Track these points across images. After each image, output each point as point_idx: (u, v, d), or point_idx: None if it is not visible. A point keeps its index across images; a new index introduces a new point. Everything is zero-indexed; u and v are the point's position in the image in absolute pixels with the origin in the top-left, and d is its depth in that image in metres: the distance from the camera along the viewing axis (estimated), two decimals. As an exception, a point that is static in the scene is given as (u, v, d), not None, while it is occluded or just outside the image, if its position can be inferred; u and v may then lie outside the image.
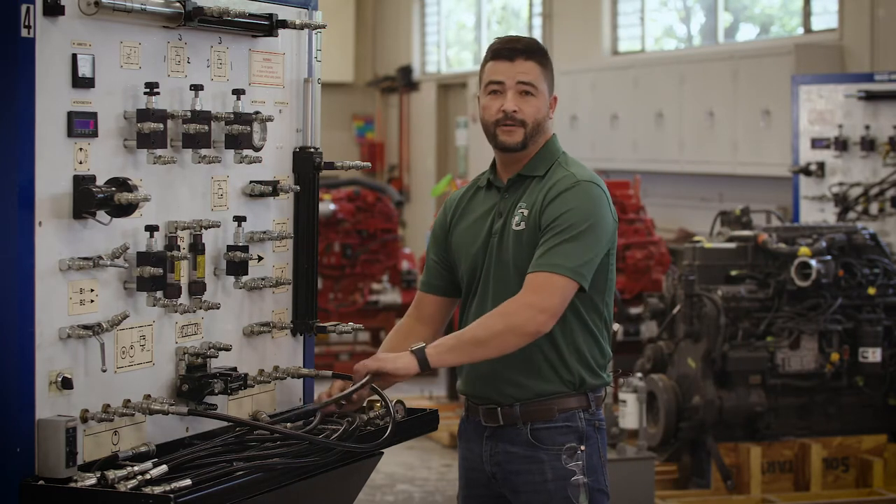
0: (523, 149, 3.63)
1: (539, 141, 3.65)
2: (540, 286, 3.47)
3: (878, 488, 7.01)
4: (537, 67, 3.62)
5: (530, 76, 3.61)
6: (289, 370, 3.59)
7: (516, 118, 3.60)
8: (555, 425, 3.57)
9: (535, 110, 3.61)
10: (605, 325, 3.65)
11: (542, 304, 3.45)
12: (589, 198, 3.56)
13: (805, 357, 7.15)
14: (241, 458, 3.09)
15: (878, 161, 8.95)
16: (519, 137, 3.61)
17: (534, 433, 3.58)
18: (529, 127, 3.61)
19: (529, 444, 3.58)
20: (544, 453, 3.57)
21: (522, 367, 3.57)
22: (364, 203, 11.72)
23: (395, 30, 18.35)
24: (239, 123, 3.35)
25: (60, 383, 2.91)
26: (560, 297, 3.48)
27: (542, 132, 3.65)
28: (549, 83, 3.66)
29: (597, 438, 3.62)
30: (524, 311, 3.45)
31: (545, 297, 3.46)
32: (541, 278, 3.48)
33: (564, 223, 3.51)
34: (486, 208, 3.69)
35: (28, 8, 2.83)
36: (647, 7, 13.39)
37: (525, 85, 3.60)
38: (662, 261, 9.77)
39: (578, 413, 3.59)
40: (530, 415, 3.58)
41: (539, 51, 3.66)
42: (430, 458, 8.43)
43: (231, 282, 3.42)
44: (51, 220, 2.91)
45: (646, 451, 6.25)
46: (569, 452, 3.57)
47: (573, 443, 3.57)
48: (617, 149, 12.56)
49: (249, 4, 3.43)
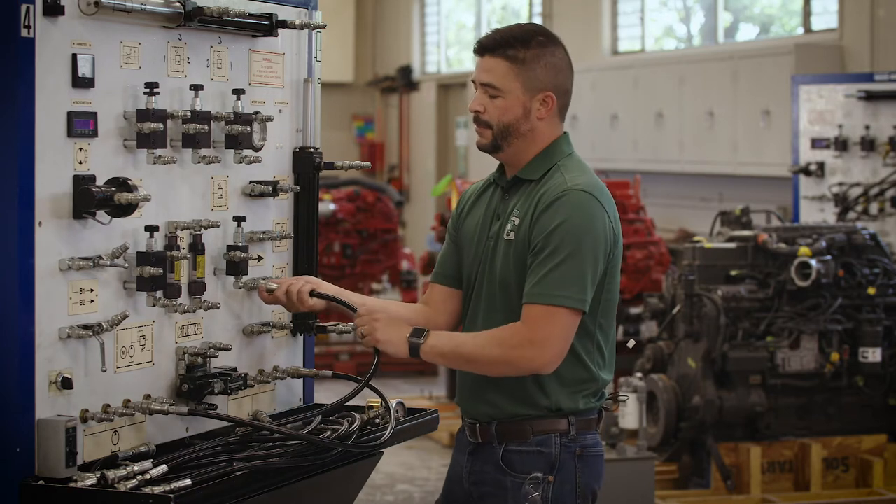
0: (496, 151, 3.40)
1: (521, 145, 3.39)
2: (537, 321, 3.25)
3: (878, 488, 7.01)
4: (504, 64, 3.33)
5: (491, 76, 3.34)
6: (289, 370, 3.59)
7: (481, 119, 3.38)
8: (527, 449, 3.35)
9: (500, 112, 3.35)
10: (597, 349, 3.38)
11: (544, 345, 3.24)
12: (579, 210, 3.29)
13: (805, 357, 7.15)
14: (240, 458, 3.09)
15: (878, 161, 8.96)
16: (487, 139, 3.39)
17: (505, 455, 3.37)
18: (496, 129, 3.37)
19: (499, 467, 3.37)
20: (510, 480, 3.35)
21: (500, 387, 3.37)
22: (364, 203, 11.72)
23: (395, 30, 18.35)
24: (239, 123, 3.35)
25: (60, 383, 2.91)
26: (563, 334, 3.26)
27: (520, 135, 3.38)
28: (526, 81, 3.35)
29: (574, 468, 3.36)
30: (525, 350, 3.25)
31: (547, 338, 3.24)
32: (540, 312, 3.25)
33: (554, 242, 3.27)
34: (490, 207, 3.47)
35: (28, 8, 2.83)
36: (647, 7, 13.39)
37: (487, 87, 3.36)
38: (662, 261, 9.77)
39: (554, 438, 3.35)
40: (505, 435, 3.37)
41: (514, 44, 3.34)
42: (430, 458, 8.43)
43: (231, 282, 3.42)
44: (51, 220, 2.91)
45: (646, 451, 6.25)
46: (533, 482, 3.33)
47: (540, 472, 3.33)
48: (617, 149, 12.56)
49: (249, 4, 3.43)
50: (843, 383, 7.22)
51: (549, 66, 3.40)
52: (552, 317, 3.25)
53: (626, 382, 6.52)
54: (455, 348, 3.34)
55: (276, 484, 3.14)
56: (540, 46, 3.39)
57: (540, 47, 3.39)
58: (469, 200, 3.57)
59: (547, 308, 3.25)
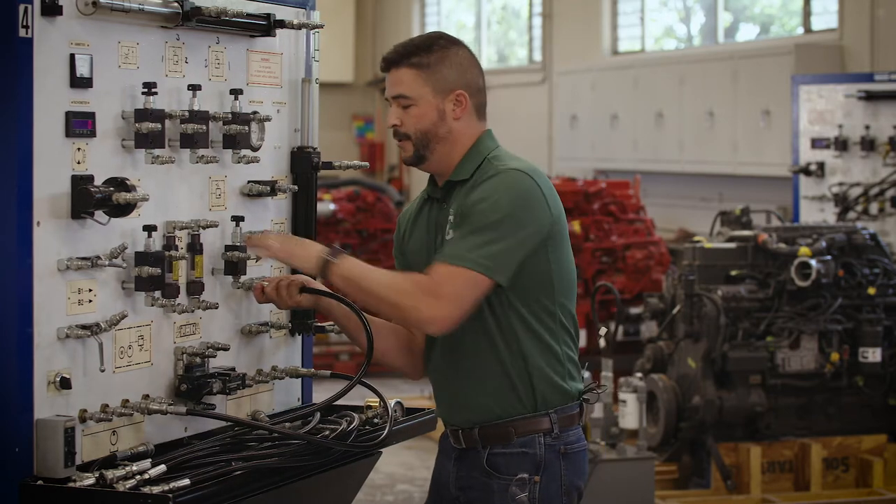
0: (421, 162, 3.40)
1: (449, 148, 3.38)
2: (441, 276, 3.20)
3: (878, 488, 7.01)
4: (410, 72, 3.35)
5: (401, 86, 3.36)
6: (287, 370, 3.59)
7: (399, 133, 3.38)
8: (512, 451, 3.32)
9: (415, 120, 3.36)
10: (563, 329, 3.35)
11: (438, 302, 3.19)
12: (509, 186, 3.26)
13: (805, 357, 7.15)
14: (239, 458, 3.09)
15: (878, 161, 8.96)
16: (409, 151, 3.39)
17: (490, 459, 3.34)
18: (415, 138, 3.37)
19: (485, 471, 3.34)
20: (496, 482, 3.33)
21: (473, 388, 3.35)
22: (364, 203, 11.73)
23: (395, 30, 18.35)
24: (237, 123, 3.35)
25: (59, 383, 2.91)
26: (463, 296, 3.20)
27: (440, 139, 3.37)
28: (434, 84, 3.35)
29: (559, 466, 3.34)
30: (417, 301, 3.19)
31: (444, 296, 3.19)
32: (442, 270, 3.21)
33: (476, 213, 3.24)
34: (430, 223, 3.45)
35: (26, 8, 2.83)
36: (647, 7, 13.39)
37: (399, 98, 3.37)
38: (662, 261, 9.77)
39: (538, 438, 3.32)
40: (489, 438, 3.33)
41: (416, 52, 3.36)
42: (429, 458, 8.41)
43: (229, 282, 3.42)
44: (49, 220, 2.91)
45: (646, 451, 6.25)
46: (519, 483, 3.31)
47: (525, 472, 3.31)
48: (617, 149, 12.56)
49: (247, 4, 3.43)
50: (843, 383, 7.22)
51: (455, 65, 3.39)
52: (455, 276, 3.21)
53: (626, 382, 6.51)
54: (358, 277, 3.28)
55: (274, 484, 3.14)
56: (442, 49, 3.39)
57: (442, 50, 3.39)
58: (408, 222, 3.55)
59: (452, 267, 3.21)
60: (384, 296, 3.25)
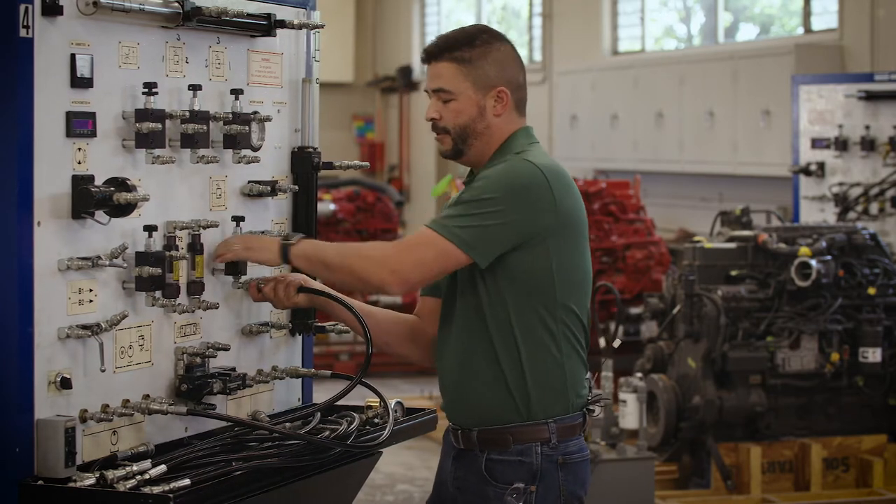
0: (459, 155, 3.37)
1: (479, 144, 3.36)
2: (411, 242, 3.24)
3: (878, 488, 7.01)
4: (452, 67, 3.32)
5: (442, 80, 3.33)
6: (287, 370, 3.59)
7: (438, 126, 3.36)
8: (509, 458, 3.27)
9: (454, 115, 3.33)
10: (567, 331, 3.28)
11: (399, 266, 3.19)
12: (510, 172, 3.23)
13: (805, 357, 7.15)
14: (239, 458, 3.09)
15: (878, 161, 8.96)
16: (448, 146, 3.37)
17: (488, 464, 3.29)
18: (454, 133, 3.34)
19: (482, 476, 3.30)
20: (493, 490, 3.28)
21: (472, 390, 3.31)
22: (364, 203, 11.73)
23: (395, 30, 18.35)
24: (237, 123, 3.35)
25: (59, 383, 2.91)
26: (427, 261, 3.19)
27: (478, 134, 3.34)
28: (475, 79, 3.32)
29: (557, 476, 3.28)
30: (378, 260, 3.21)
31: (406, 259, 3.20)
32: (420, 234, 3.23)
33: (469, 189, 3.24)
34: None
35: (27, 8, 2.83)
36: (647, 7, 13.39)
37: (439, 92, 3.34)
38: (662, 261, 9.77)
39: (535, 447, 3.26)
40: (487, 443, 3.30)
41: (458, 46, 3.32)
42: (430, 458, 8.43)
43: (230, 282, 3.42)
44: (50, 220, 2.91)
45: (646, 451, 6.25)
46: (515, 493, 3.25)
47: (521, 482, 3.26)
48: (617, 149, 12.56)
49: (248, 4, 3.43)
50: (843, 383, 7.21)
51: (497, 61, 3.35)
52: (428, 241, 3.21)
53: (626, 382, 6.51)
54: (318, 252, 3.30)
55: (275, 484, 3.14)
56: (485, 44, 3.35)
57: (485, 45, 3.35)
58: None
59: (429, 232, 3.22)
60: (344, 264, 3.26)
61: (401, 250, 3.25)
